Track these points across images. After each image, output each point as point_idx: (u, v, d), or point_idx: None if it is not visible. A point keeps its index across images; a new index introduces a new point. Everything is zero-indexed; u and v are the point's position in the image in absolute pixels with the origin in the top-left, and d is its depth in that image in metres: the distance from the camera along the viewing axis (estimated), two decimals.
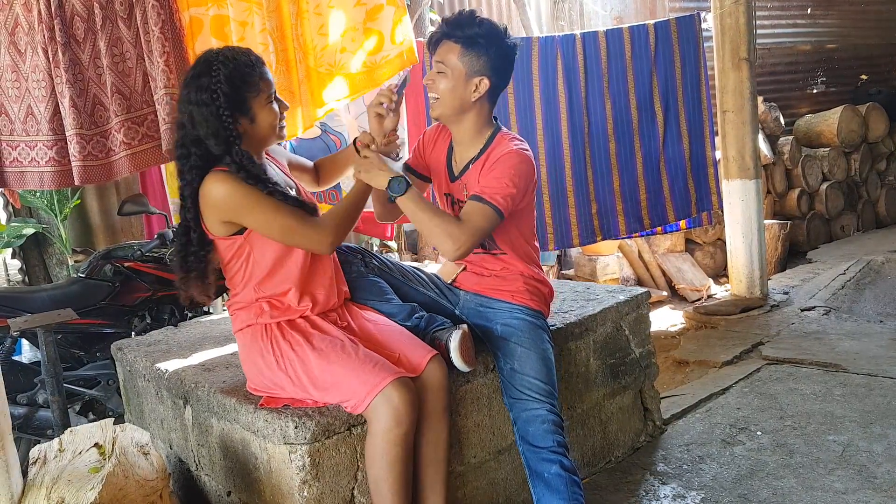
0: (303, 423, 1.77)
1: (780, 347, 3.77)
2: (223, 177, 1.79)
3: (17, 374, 2.98)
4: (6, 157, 2.79)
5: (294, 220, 1.82)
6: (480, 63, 1.97)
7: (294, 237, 1.84)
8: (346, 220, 1.92)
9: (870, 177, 7.38)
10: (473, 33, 1.96)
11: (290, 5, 2.79)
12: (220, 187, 1.78)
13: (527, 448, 2.02)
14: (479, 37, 1.96)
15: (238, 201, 1.79)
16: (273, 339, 1.87)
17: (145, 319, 3.15)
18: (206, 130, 1.79)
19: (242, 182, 1.79)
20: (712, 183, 4.59)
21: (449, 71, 1.98)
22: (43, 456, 1.91)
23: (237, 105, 1.81)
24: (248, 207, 1.80)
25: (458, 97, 2.00)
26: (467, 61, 1.97)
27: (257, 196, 1.79)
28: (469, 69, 1.97)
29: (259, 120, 1.86)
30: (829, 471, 2.43)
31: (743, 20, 4.55)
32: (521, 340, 2.05)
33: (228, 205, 1.80)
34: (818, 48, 8.07)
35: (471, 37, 1.96)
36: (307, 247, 1.87)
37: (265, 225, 1.82)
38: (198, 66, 1.84)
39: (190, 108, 1.80)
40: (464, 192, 2.07)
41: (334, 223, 1.88)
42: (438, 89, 2.00)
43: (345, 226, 1.92)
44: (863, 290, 5.06)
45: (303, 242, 1.86)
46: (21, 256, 4.94)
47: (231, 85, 1.79)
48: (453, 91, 1.99)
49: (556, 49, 4.21)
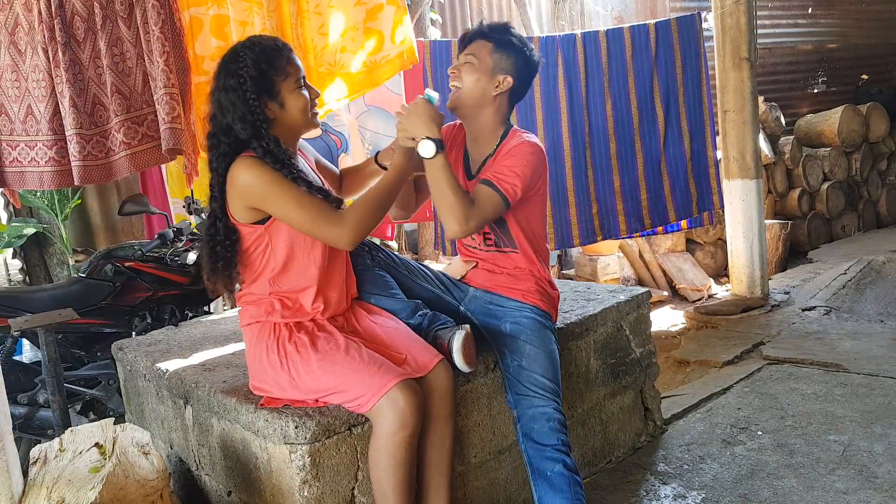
0: (303, 422, 1.77)
1: (781, 347, 3.76)
2: (250, 161, 1.79)
3: (17, 373, 2.99)
4: (6, 156, 2.79)
5: (317, 210, 1.79)
6: (508, 63, 2.06)
7: (315, 228, 1.81)
8: (370, 216, 1.85)
9: (871, 176, 7.38)
10: (507, 37, 2.07)
11: (291, 5, 2.78)
12: (246, 172, 1.78)
13: (530, 445, 2.02)
14: (511, 40, 2.07)
15: (263, 187, 1.78)
16: (279, 338, 1.87)
17: (146, 319, 3.15)
18: (234, 115, 1.80)
19: (269, 167, 1.78)
20: (713, 183, 4.59)
21: (478, 63, 2.05)
22: (43, 456, 1.91)
23: (265, 88, 1.82)
24: (274, 194, 1.78)
25: (480, 88, 2.05)
26: (496, 58, 2.06)
27: (282, 182, 1.78)
28: (496, 65, 2.06)
29: (289, 105, 1.86)
30: (829, 471, 2.43)
31: (744, 20, 4.55)
32: (531, 339, 2.06)
33: (254, 189, 1.79)
34: (819, 48, 8.07)
35: (503, 39, 2.07)
36: (328, 240, 1.84)
37: (288, 212, 1.80)
38: (226, 56, 1.86)
39: (219, 95, 1.82)
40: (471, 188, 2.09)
41: (355, 218, 1.81)
42: (462, 79, 2.06)
43: (368, 222, 1.84)
44: (864, 290, 5.05)
45: (324, 234, 1.82)
46: (22, 256, 4.94)
47: (258, 68, 1.80)
48: (477, 82, 2.05)
49: (556, 49, 4.22)
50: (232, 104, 1.80)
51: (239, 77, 1.79)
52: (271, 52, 1.84)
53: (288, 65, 1.86)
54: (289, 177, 1.80)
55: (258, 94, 1.80)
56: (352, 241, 1.83)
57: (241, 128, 1.80)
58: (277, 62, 1.84)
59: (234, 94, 1.79)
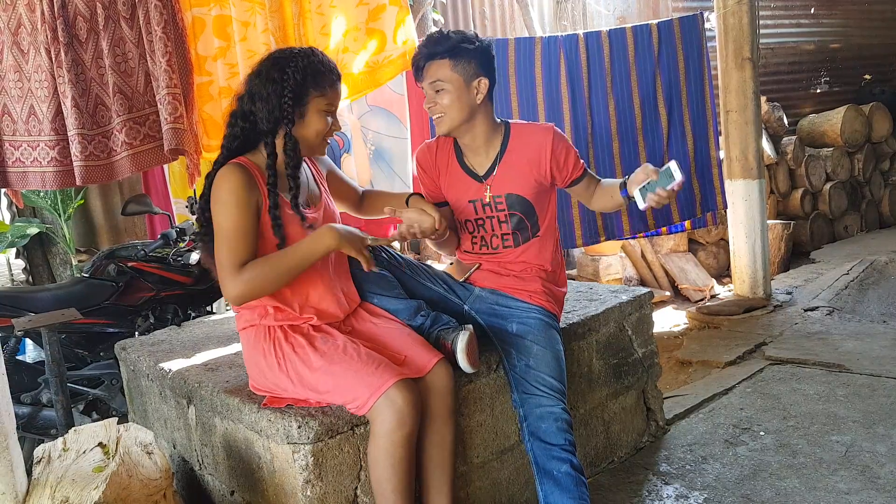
0: (306, 422, 1.77)
1: (784, 348, 3.76)
2: (228, 171, 1.81)
3: (21, 373, 3.00)
4: (9, 157, 2.80)
5: (232, 252, 1.78)
6: (473, 66, 2.05)
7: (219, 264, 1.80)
8: (268, 281, 1.79)
9: (873, 177, 7.36)
10: (452, 43, 2.03)
11: (293, 5, 2.79)
12: (219, 177, 1.81)
13: (537, 445, 2.02)
14: (459, 44, 2.03)
15: (218, 198, 1.80)
16: (275, 340, 1.87)
17: (149, 319, 3.16)
18: (263, 105, 1.84)
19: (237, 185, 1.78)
20: (717, 183, 4.58)
21: (448, 85, 2.03)
22: (47, 455, 1.92)
23: (298, 96, 1.85)
24: (218, 210, 1.80)
25: (465, 105, 2.05)
26: (461, 69, 2.04)
27: (230, 207, 1.77)
28: (466, 76, 2.04)
29: (308, 120, 1.88)
30: (832, 471, 2.42)
31: (746, 20, 4.54)
32: (538, 339, 2.06)
33: (213, 196, 1.81)
34: (822, 48, 8.05)
35: (452, 48, 2.03)
36: (221, 283, 1.81)
37: (217, 234, 1.81)
38: (280, 52, 1.92)
39: (257, 82, 1.86)
40: (486, 192, 2.12)
41: (246, 277, 1.77)
42: (443, 106, 2.05)
43: (263, 285, 1.79)
44: (866, 291, 5.05)
45: (220, 275, 1.80)
46: (25, 256, 4.96)
47: (303, 75, 1.84)
48: (459, 100, 2.04)
49: (559, 49, 4.21)
50: (267, 95, 1.84)
51: (284, 74, 1.83)
52: (321, 69, 1.88)
53: (328, 88, 1.89)
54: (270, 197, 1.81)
55: (293, 96, 1.84)
56: (234, 299, 1.81)
57: (264, 117, 1.84)
58: (321, 80, 1.87)
59: (273, 87, 1.83)
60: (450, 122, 2.07)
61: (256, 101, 1.85)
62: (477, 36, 2.09)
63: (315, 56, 1.89)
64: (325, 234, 1.81)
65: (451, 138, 2.18)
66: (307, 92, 1.86)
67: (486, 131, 2.12)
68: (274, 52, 1.95)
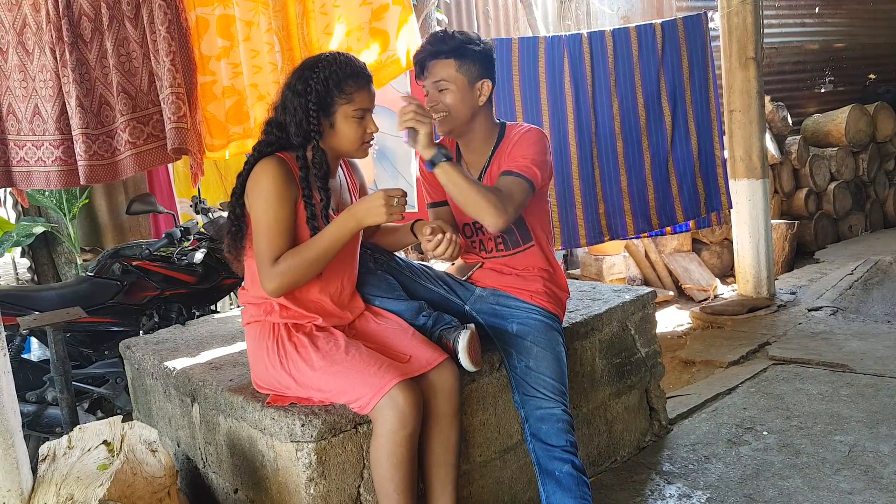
0: (309, 421, 1.78)
1: (787, 347, 3.76)
2: (268, 164, 1.83)
3: (26, 371, 3.00)
4: (13, 156, 2.81)
5: (266, 247, 1.81)
6: (477, 68, 2.05)
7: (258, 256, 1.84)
8: (301, 270, 1.82)
9: (878, 176, 7.34)
10: (458, 44, 2.03)
11: (297, 5, 2.79)
12: (258, 169, 1.83)
13: (538, 446, 2.03)
14: (464, 45, 2.03)
15: (257, 189, 1.82)
16: (279, 338, 1.88)
17: (153, 318, 3.16)
18: (292, 118, 1.86)
19: (278, 178, 1.80)
20: (721, 182, 4.58)
21: (452, 85, 2.03)
22: (52, 453, 1.93)
23: (324, 105, 1.85)
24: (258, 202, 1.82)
25: (468, 106, 2.06)
26: (465, 70, 2.04)
27: (272, 199, 1.80)
28: (470, 77, 2.04)
29: (339, 128, 1.88)
30: (835, 471, 2.42)
31: (750, 19, 4.54)
32: (538, 340, 2.06)
33: (251, 188, 1.83)
34: (826, 47, 8.04)
35: (457, 48, 2.03)
36: (260, 275, 1.84)
37: (256, 227, 1.83)
38: (309, 60, 1.93)
39: (288, 94, 1.88)
40: None
41: (280, 270, 1.80)
42: (446, 106, 2.04)
43: (297, 275, 1.82)
44: (870, 291, 5.04)
45: (260, 269, 1.84)
46: (30, 255, 4.98)
47: (325, 84, 1.85)
48: (462, 101, 2.04)
49: (562, 48, 4.21)
50: (294, 108, 1.86)
51: (307, 85, 1.85)
52: (345, 74, 1.86)
53: (355, 92, 1.88)
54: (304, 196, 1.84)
55: (318, 108, 1.84)
56: (272, 292, 1.83)
57: (294, 132, 1.86)
58: (346, 85, 1.86)
59: (298, 100, 1.85)
60: (451, 122, 2.07)
61: (287, 114, 1.87)
62: (480, 38, 2.10)
63: (338, 62, 1.87)
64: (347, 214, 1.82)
65: (454, 141, 2.18)
66: (332, 101, 1.86)
67: (485, 133, 2.13)
68: (303, 62, 1.95)
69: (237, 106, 2.84)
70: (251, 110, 2.81)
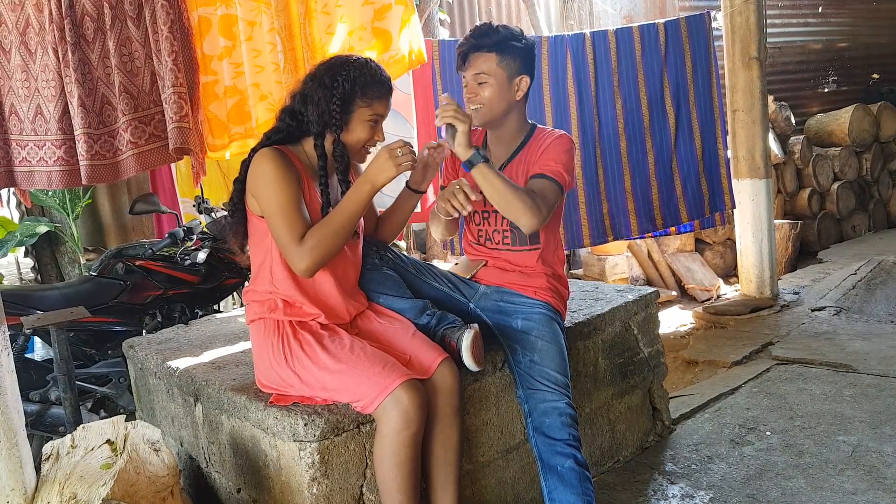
0: (312, 420, 1.78)
1: (790, 348, 3.75)
2: (267, 153, 1.85)
3: (29, 371, 3.01)
4: (15, 156, 2.81)
5: (286, 230, 1.82)
6: (517, 64, 2.09)
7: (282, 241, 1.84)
8: (329, 242, 1.83)
9: (881, 176, 7.33)
10: (501, 38, 2.07)
11: (299, 5, 2.79)
12: (258, 160, 1.85)
13: (541, 440, 2.03)
14: (507, 40, 2.07)
15: (263, 179, 1.83)
16: (283, 336, 1.88)
17: (156, 318, 3.17)
18: (313, 108, 1.89)
19: (281, 164, 1.83)
20: (725, 182, 4.57)
21: (491, 79, 2.07)
22: (56, 452, 1.93)
23: (345, 103, 1.89)
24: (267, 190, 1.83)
25: (504, 100, 2.10)
26: (506, 65, 2.07)
27: (280, 183, 1.82)
28: (510, 72, 2.08)
29: (351, 129, 1.92)
30: (838, 471, 2.42)
31: (753, 19, 4.53)
32: (542, 334, 2.08)
33: (256, 180, 1.85)
34: (829, 47, 8.02)
35: (499, 42, 2.06)
36: (288, 258, 1.85)
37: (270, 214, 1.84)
38: (338, 58, 1.97)
39: (311, 85, 1.91)
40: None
41: (309, 246, 1.81)
42: (483, 98, 2.08)
43: (327, 248, 1.83)
44: (874, 291, 5.02)
45: (286, 252, 1.85)
46: (33, 255, 4.98)
47: (352, 84, 1.88)
48: (500, 95, 2.08)
49: (565, 48, 4.21)
50: (318, 99, 1.89)
51: (335, 81, 1.88)
52: (371, 80, 1.91)
53: (376, 99, 1.92)
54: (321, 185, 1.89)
55: (340, 104, 1.88)
56: (306, 271, 1.83)
57: (314, 120, 1.90)
58: (369, 91, 1.91)
59: (323, 92, 1.88)
60: (487, 115, 2.10)
61: (308, 103, 1.90)
62: (522, 33, 2.12)
63: (368, 67, 1.92)
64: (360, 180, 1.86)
65: (483, 131, 2.23)
66: (354, 101, 1.90)
67: (515, 128, 2.17)
68: (332, 58, 1.99)
69: (239, 106, 2.84)
70: (253, 110, 2.82)
